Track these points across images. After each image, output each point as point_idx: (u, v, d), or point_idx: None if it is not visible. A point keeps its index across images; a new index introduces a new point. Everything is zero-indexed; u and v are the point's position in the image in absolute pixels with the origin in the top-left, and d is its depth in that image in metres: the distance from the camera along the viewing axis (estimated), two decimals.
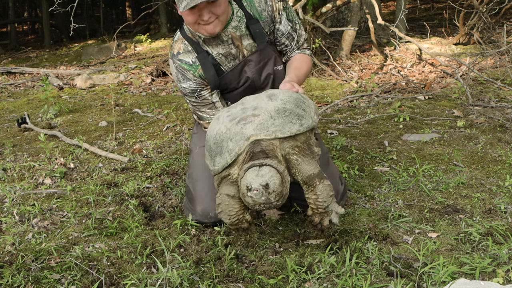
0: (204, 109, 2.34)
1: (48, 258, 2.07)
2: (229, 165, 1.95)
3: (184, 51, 2.28)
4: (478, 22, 6.41)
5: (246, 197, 1.83)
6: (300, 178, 1.92)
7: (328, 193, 1.90)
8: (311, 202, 1.91)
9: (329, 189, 1.90)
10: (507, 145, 3.16)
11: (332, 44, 6.97)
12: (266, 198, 1.79)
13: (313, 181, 1.89)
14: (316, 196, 1.89)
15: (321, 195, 1.89)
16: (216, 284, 1.84)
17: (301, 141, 1.96)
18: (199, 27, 2.16)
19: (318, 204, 1.90)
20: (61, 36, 14.59)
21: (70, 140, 3.76)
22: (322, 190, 1.89)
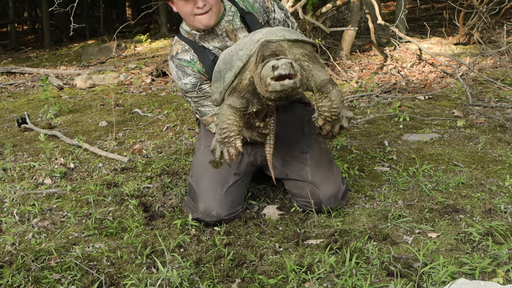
0: (206, 102, 2.35)
1: (48, 258, 2.07)
2: (240, 72, 1.91)
3: (182, 51, 2.33)
4: (478, 22, 6.41)
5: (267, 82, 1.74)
6: (314, 84, 1.88)
7: (340, 99, 1.86)
8: (326, 110, 1.86)
9: (341, 95, 1.87)
10: (507, 145, 3.16)
11: (332, 44, 6.97)
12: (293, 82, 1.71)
13: (327, 87, 1.85)
14: (331, 102, 1.84)
15: (335, 100, 1.84)
16: (216, 284, 1.84)
17: (308, 51, 1.95)
18: (195, 20, 2.22)
19: (333, 110, 1.85)
20: (61, 36, 14.59)
21: (70, 140, 3.76)
22: (336, 95, 1.85)
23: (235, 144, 1.88)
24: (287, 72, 1.70)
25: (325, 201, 2.31)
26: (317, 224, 2.27)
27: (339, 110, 1.86)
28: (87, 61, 8.89)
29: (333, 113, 1.85)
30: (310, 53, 1.96)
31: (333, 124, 1.88)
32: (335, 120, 1.87)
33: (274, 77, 1.73)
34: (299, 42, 1.93)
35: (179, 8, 2.24)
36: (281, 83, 1.72)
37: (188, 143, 3.55)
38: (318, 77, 1.88)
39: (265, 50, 1.87)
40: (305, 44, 1.96)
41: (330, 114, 1.86)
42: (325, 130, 1.89)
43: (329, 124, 1.88)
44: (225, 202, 2.30)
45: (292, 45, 1.91)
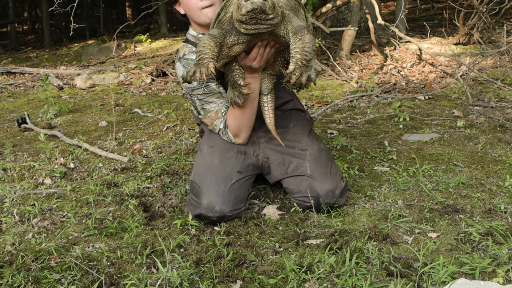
0: (212, 99, 2.37)
1: (48, 258, 2.07)
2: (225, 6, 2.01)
3: (189, 52, 2.39)
4: (478, 22, 6.42)
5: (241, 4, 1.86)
6: (290, 28, 1.96)
7: (313, 45, 1.92)
8: (298, 51, 1.91)
9: (313, 42, 1.93)
10: (507, 145, 3.16)
11: (332, 44, 6.97)
12: (262, 2, 1.83)
13: (302, 31, 1.93)
14: (303, 45, 1.91)
15: (308, 43, 1.91)
16: (216, 284, 1.84)
17: (292, 4, 2.04)
18: (202, 14, 2.29)
19: (304, 53, 1.90)
20: (61, 36, 14.60)
21: (70, 140, 3.76)
22: (309, 39, 1.92)
23: (207, 65, 1.95)
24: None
25: (323, 195, 2.31)
26: (317, 224, 2.27)
27: (310, 56, 1.91)
28: (87, 61, 8.89)
29: (304, 56, 1.90)
30: (293, 7, 2.06)
31: (302, 72, 1.93)
32: (305, 66, 1.92)
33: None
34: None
35: (185, 5, 2.32)
36: (251, 1, 1.84)
37: (188, 143, 3.56)
38: (295, 22, 1.97)
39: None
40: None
41: (301, 56, 1.91)
42: (294, 77, 1.93)
43: (298, 70, 1.92)
44: (228, 198, 2.31)
45: None
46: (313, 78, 1.96)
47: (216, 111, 2.38)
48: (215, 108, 2.39)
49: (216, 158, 2.41)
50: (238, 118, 2.32)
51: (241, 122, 2.34)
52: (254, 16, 1.88)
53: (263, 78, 2.27)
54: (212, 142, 2.47)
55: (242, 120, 2.33)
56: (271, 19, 1.91)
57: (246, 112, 2.30)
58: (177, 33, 12.04)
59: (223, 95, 2.38)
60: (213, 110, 2.39)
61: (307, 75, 1.93)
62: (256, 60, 2.12)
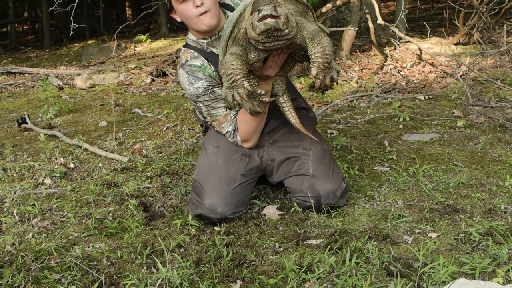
0: (218, 104, 2.36)
1: (48, 258, 2.07)
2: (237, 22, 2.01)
3: (191, 58, 2.38)
4: (478, 22, 6.41)
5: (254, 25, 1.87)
6: (306, 34, 1.97)
7: (331, 46, 1.95)
8: (319, 56, 1.93)
9: (331, 44, 1.96)
10: (507, 145, 3.16)
11: (332, 44, 6.97)
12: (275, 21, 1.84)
13: (319, 35, 1.94)
14: (323, 48, 1.93)
15: (327, 46, 1.93)
16: (216, 284, 1.84)
17: (300, 9, 2.05)
18: (199, 21, 2.27)
19: (325, 56, 1.92)
20: (61, 36, 14.60)
21: (70, 140, 3.76)
22: (327, 42, 1.94)
23: (243, 85, 1.97)
24: (269, 12, 1.84)
25: (324, 196, 2.31)
26: (317, 224, 2.27)
27: (330, 58, 1.94)
28: (87, 61, 8.89)
29: (326, 59, 1.93)
30: (302, 11, 2.07)
31: (325, 74, 1.95)
32: (327, 69, 1.94)
33: (259, 19, 1.87)
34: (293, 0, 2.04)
35: (180, 13, 2.29)
36: (264, 21, 1.85)
37: (188, 143, 3.56)
38: (309, 27, 1.98)
39: (260, 3, 1.97)
40: (298, 3, 2.07)
41: (323, 60, 1.93)
42: (318, 81, 1.94)
43: (321, 74, 1.94)
44: (231, 201, 2.31)
45: (286, 1, 2.03)
46: (335, 78, 1.98)
47: (225, 115, 2.37)
48: (223, 113, 2.37)
49: (221, 159, 2.40)
50: (249, 123, 2.31)
51: (252, 128, 2.33)
52: (270, 35, 1.89)
53: (275, 80, 2.26)
54: (217, 142, 2.47)
55: (253, 125, 2.32)
56: (288, 34, 1.92)
57: (258, 117, 2.29)
58: (177, 33, 12.04)
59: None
60: (221, 114, 2.37)
61: (330, 76, 1.95)
62: (272, 69, 2.12)
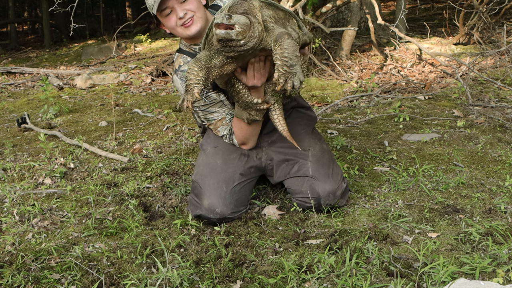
0: (214, 108, 2.36)
1: (48, 258, 2.07)
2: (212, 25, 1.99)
3: (184, 63, 2.38)
4: (478, 22, 6.42)
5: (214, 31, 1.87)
6: (272, 39, 1.93)
7: (294, 50, 1.89)
8: (277, 57, 1.88)
9: (295, 47, 1.90)
10: (507, 145, 3.16)
11: (332, 44, 6.97)
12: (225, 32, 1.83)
13: (282, 37, 1.90)
14: (282, 50, 1.88)
15: (287, 48, 1.88)
16: (216, 284, 1.84)
17: (279, 16, 2.02)
18: (183, 30, 2.28)
19: (284, 59, 1.87)
20: (61, 36, 14.59)
21: (70, 140, 3.76)
22: (289, 44, 1.88)
23: (192, 91, 1.97)
24: (219, 21, 1.83)
25: (324, 196, 2.31)
26: (317, 224, 2.27)
27: (291, 62, 1.87)
28: (87, 61, 8.89)
29: (284, 61, 1.87)
30: (280, 18, 2.03)
31: (286, 78, 1.88)
32: (288, 73, 1.88)
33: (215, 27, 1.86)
34: (271, 5, 2.01)
35: (166, 25, 2.31)
36: (216, 31, 1.85)
37: (188, 143, 3.56)
38: (277, 31, 1.94)
39: (238, 8, 1.96)
40: (277, 10, 2.03)
41: (281, 62, 1.87)
42: (279, 84, 1.88)
43: (282, 77, 1.88)
44: (229, 201, 2.30)
45: (264, 6, 1.99)
46: (296, 86, 1.88)
47: (220, 120, 2.37)
48: (218, 117, 2.37)
49: (219, 159, 2.41)
50: (244, 129, 2.31)
51: (247, 133, 2.33)
52: (225, 44, 1.88)
53: (267, 87, 2.21)
54: (216, 142, 2.47)
55: (248, 131, 2.32)
56: (244, 44, 1.89)
57: (253, 123, 2.28)
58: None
59: (224, 103, 2.36)
60: (217, 118, 2.38)
61: (291, 82, 1.88)
62: (256, 78, 2.08)
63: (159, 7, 2.23)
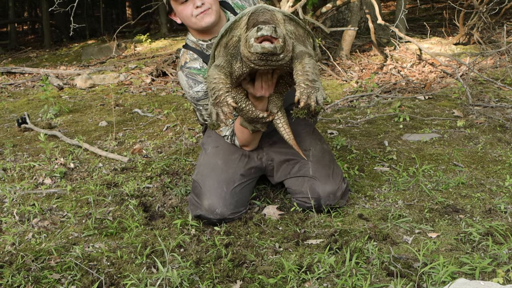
0: None
1: (48, 258, 2.07)
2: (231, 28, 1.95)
3: (190, 60, 2.36)
4: (478, 22, 6.42)
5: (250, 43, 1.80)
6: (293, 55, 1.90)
7: (314, 67, 1.86)
8: (299, 73, 1.85)
9: (315, 65, 1.87)
10: (507, 145, 3.16)
11: (332, 44, 6.97)
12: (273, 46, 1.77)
13: (303, 56, 1.87)
14: (303, 66, 1.84)
15: (308, 64, 1.85)
16: (216, 284, 1.84)
17: (300, 33, 1.99)
18: (197, 20, 2.25)
19: (306, 73, 1.83)
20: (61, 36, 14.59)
21: (70, 140, 3.76)
22: (309, 62, 1.85)
23: (226, 102, 1.86)
24: (269, 33, 1.77)
25: (324, 197, 2.31)
26: (317, 224, 2.27)
27: (313, 76, 1.84)
28: (87, 61, 8.89)
29: (306, 76, 1.83)
30: (300, 36, 1.99)
31: (308, 94, 1.84)
32: (310, 88, 1.83)
33: (257, 38, 1.79)
34: (293, 21, 1.98)
35: (180, 14, 2.28)
36: (261, 45, 1.78)
37: (188, 143, 3.55)
38: (298, 49, 1.90)
39: (260, 16, 1.92)
40: (298, 27, 2.00)
41: (303, 77, 1.83)
42: (302, 102, 1.83)
43: (305, 93, 1.83)
44: (230, 201, 2.30)
45: (286, 20, 1.96)
46: (320, 101, 1.84)
47: None
48: None
49: (220, 159, 2.40)
50: (246, 133, 2.30)
51: (249, 137, 2.33)
52: (264, 58, 1.82)
53: (271, 97, 2.18)
54: (217, 142, 2.47)
55: (250, 135, 2.31)
56: (282, 59, 1.85)
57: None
58: (177, 33, 12.04)
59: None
60: None
61: (315, 97, 1.83)
62: (264, 89, 2.05)
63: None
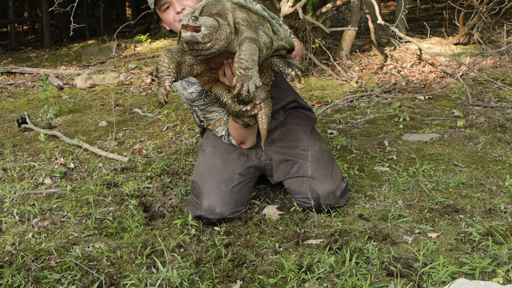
0: (214, 108, 2.36)
1: (48, 258, 2.07)
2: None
3: None
4: (478, 22, 6.42)
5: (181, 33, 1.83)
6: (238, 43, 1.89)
7: (251, 53, 1.84)
8: (236, 60, 1.85)
9: (254, 51, 1.85)
10: (507, 145, 3.16)
11: (332, 44, 6.97)
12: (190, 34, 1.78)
13: (243, 41, 1.86)
14: (239, 52, 1.84)
15: (244, 50, 1.84)
16: (216, 284, 1.84)
17: (252, 19, 1.97)
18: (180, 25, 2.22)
19: (240, 60, 1.82)
20: (61, 36, 14.59)
21: (70, 140, 3.76)
22: (247, 47, 1.84)
23: (164, 84, 1.92)
24: (185, 23, 1.78)
25: (324, 197, 2.31)
26: (317, 224, 2.27)
27: (246, 64, 1.83)
28: (87, 61, 8.89)
29: (240, 64, 1.83)
30: (253, 22, 1.97)
31: (242, 82, 1.84)
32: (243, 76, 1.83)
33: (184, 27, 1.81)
34: (244, 8, 1.96)
35: (164, 20, 2.30)
36: (182, 34, 1.81)
37: (188, 143, 3.56)
38: (243, 35, 1.89)
39: (212, 8, 1.93)
40: (250, 12, 1.98)
41: (237, 65, 1.84)
42: (236, 89, 1.84)
43: (239, 81, 1.84)
44: (229, 201, 2.30)
45: (236, 8, 1.95)
46: (251, 90, 1.83)
47: (219, 120, 2.38)
48: (217, 117, 2.38)
49: (219, 159, 2.41)
50: (239, 130, 2.31)
51: (243, 133, 2.33)
52: (192, 47, 1.84)
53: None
54: (215, 142, 2.47)
55: (243, 131, 2.32)
56: (211, 47, 1.85)
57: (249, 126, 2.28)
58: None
59: None
60: (215, 118, 2.38)
61: (247, 85, 1.83)
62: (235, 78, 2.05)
63: (157, 2, 2.23)
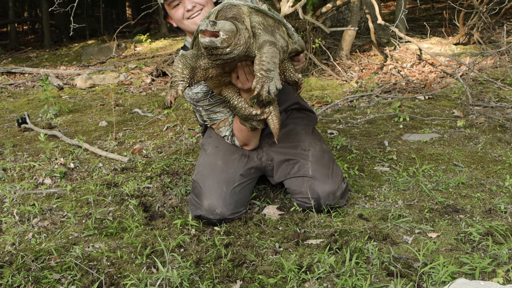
0: (218, 108, 2.35)
1: (48, 258, 2.07)
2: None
3: None
4: (478, 22, 6.42)
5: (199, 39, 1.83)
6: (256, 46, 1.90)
7: (272, 56, 1.85)
8: (256, 63, 1.85)
9: (274, 54, 1.86)
10: (507, 145, 3.16)
11: (332, 44, 6.97)
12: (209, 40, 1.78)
13: (264, 44, 1.87)
14: (260, 55, 1.85)
15: (266, 53, 1.85)
16: (216, 284, 1.84)
17: (268, 23, 1.97)
18: (190, 23, 2.25)
19: (262, 62, 1.83)
20: (61, 36, 14.60)
21: (70, 140, 3.76)
22: (268, 50, 1.85)
23: (177, 87, 1.93)
24: (203, 28, 1.78)
25: (324, 197, 2.31)
26: (317, 224, 2.27)
27: (268, 66, 1.84)
28: (87, 61, 8.89)
29: (262, 66, 1.84)
30: (269, 25, 1.98)
31: (262, 83, 1.84)
32: (265, 77, 1.84)
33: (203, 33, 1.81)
34: (261, 12, 1.97)
35: (173, 17, 2.29)
36: (200, 39, 1.81)
37: (188, 143, 3.55)
38: (262, 39, 1.90)
39: (227, 12, 1.93)
40: (267, 16, 1.99)
41: (259, 67, 1.84)
42: (256, 90, 1.84)
43: (259, 82, 1.84)
44: (229, 201, 2.30)
45: (253, 12, 1.95)
46: (272, 91, 1.84)
47: (223, 120, 2.37)
48: (222, 117, 2.37)
49: (220, 159, 2.40)
50: (244, 132, 2.31)
51: (248, 135, 2.33)
52: (211, 52, 1.84)
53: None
54: (217, 142, 2.47)
55: (248, 133, 2.31)
56: (230, 52, 1.85)
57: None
58: (177, 33, 12.03)
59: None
60: (220, 119, 2.37)
61: (267, 87, 1.84)
62: (250, 80, 2.05)
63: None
